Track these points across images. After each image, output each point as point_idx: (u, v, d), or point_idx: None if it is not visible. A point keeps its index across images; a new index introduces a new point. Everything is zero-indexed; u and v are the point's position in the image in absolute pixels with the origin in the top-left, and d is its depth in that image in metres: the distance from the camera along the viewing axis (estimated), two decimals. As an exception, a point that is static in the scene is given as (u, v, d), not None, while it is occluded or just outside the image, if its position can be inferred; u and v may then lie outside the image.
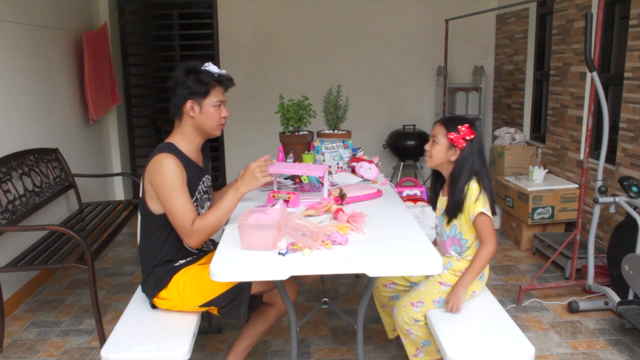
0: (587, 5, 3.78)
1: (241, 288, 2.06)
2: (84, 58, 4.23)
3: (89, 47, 4.26)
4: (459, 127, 2.11)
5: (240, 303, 2.07)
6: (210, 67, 2.09)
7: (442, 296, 2.15)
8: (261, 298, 2.26)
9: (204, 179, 2.19)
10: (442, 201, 2.26)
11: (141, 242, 2.16)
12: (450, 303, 2.09)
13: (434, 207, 2.36)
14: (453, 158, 2.14)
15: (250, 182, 2.06)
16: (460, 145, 2.10)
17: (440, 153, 2.15)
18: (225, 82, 2.13)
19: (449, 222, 2.20)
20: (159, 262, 2.10)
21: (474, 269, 2.10)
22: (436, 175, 2.32)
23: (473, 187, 2.10)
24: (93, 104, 4.32)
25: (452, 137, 2.11)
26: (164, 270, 2.10)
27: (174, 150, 2.03)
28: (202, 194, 2.17)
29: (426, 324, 2.16)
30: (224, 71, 2.13)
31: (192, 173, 2.08)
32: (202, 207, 2.18)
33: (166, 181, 1.96)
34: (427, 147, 2.20)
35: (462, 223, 2.16)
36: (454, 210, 2.15)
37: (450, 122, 2.15)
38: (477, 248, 2.16)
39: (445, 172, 2.21)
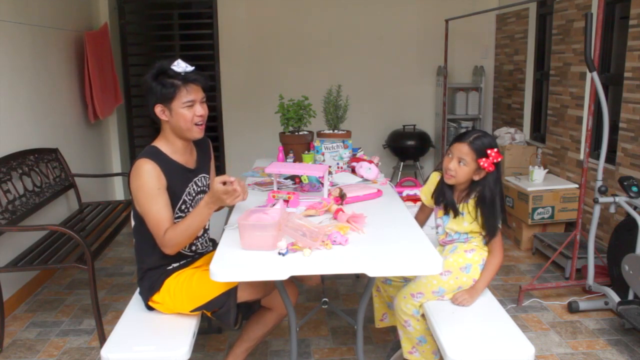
0: (587, 5, 3.77)
1: (228, 296, 2.03)
2: (87, 58, 4.22)
3: (91, 47, 4.26)
4: (488, 151, 2.08)
5: (228, 310, 2.04)
6: (178, 66, 1.96)
7: (442, 287, 2.17)
8: (259, 302, 2.25)
9: (195, 179, 2.13)
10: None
11: (135, 244, 2.16)
12: (462, 299, 2.14)
13: (441, 202, 2.25)
14: (476, 178, 2.14)
15: (217, 201, 1.88)
16: (490, 170, 2.09)
17: (466, 174, 2.13)
18: (197, 80, 1.98)
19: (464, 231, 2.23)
20: (152, 265, 2.09)
21: (487, 277, 2.19)
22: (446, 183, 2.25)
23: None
24: (98, 103, 4.32)
25: (484, 164, 2.08)
26: (157, 273, 2.08)
27: (155, 155, 2.00)
28: (193, 195, 2.12)
29: (424, 316, 2.18)
30: (190, 68, 1.98)
31: (177, 176, 2.03)
32: None
33: (141, 187, 1.93)
34: (450, 165, 2.14)
35: (467, 229, 2.23)
36: (491, 230, 2.16)
37: (478, 145, 2.10)
38: (482, 240, 2.22)
39: (462, 186, 2.20)
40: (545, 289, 3.26)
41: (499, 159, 2.09)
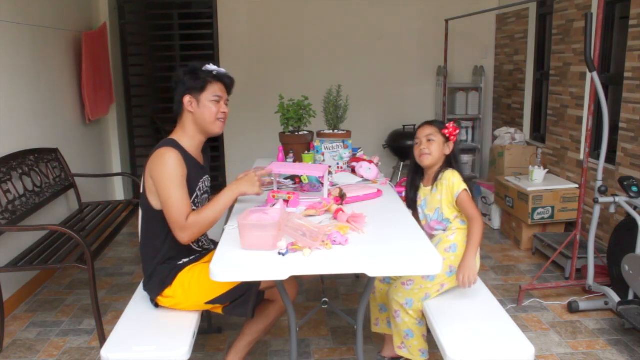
0: (587, 5, 3.77)
1: (249, 284, 2.08)
2: (82, 58, 4.23)
3: (87, 47, 4.26)
4: (446, 125, 2.36)
5: (248, 299, 2.09)
6: (209, 66, 2.15)
7: None
8: (263, 294, 2.26)
9: (204, 178, 2.20)
10: (425, 191, 2.41)
11: (142, 239, 2.16)
12: (464, 275, 2.14)
13: (412, 205, 2.47)
14: (447, 151, 2.36)
15: (248, 187, 2.14)
16: (454, 139, 2.35)
17: (439, 149, 2.35)
18: (223, 79, 2.17)
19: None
20: (162, 260, 2.11)
21: (473, 243, 2.20)
22: (414, 172, 2.48)
23: (452, 171, 2.31)
24: (90, 104, 4.32)
25: (447, 131, 2.34)
26: (168, 268, 2.10)
27: (176, 146, 2.06)
28: (202, 192, 2.18)
29: (421, 312, 2.23)
30: (222, 70, 2.19)
31: (193, 170, 2.10)
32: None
33: (165, 173, 1.98)
34: (422, 147, 2.36)
35: (443, 205, 2.30)
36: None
37: (436, 123, 2.41)
38: (459, 222, 2.31)
39: (435, 166, 2.37)
40: (545, 289, 3.26)
41: (457, 131, 2.36)
